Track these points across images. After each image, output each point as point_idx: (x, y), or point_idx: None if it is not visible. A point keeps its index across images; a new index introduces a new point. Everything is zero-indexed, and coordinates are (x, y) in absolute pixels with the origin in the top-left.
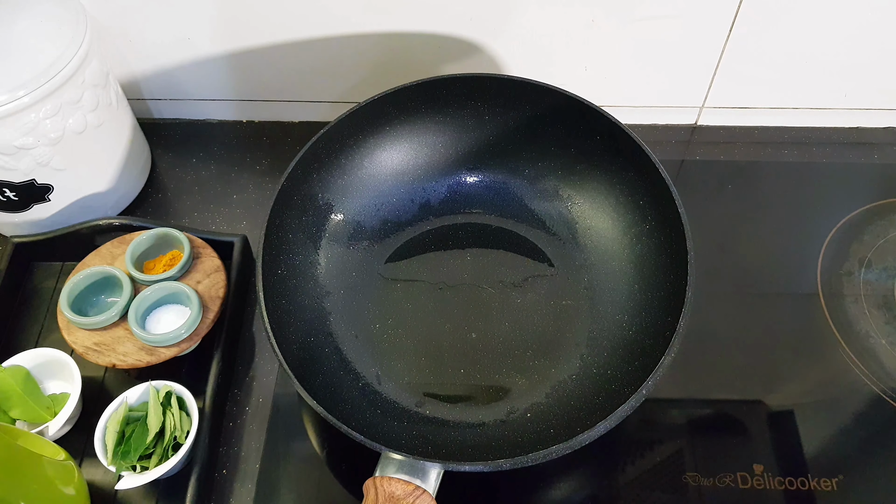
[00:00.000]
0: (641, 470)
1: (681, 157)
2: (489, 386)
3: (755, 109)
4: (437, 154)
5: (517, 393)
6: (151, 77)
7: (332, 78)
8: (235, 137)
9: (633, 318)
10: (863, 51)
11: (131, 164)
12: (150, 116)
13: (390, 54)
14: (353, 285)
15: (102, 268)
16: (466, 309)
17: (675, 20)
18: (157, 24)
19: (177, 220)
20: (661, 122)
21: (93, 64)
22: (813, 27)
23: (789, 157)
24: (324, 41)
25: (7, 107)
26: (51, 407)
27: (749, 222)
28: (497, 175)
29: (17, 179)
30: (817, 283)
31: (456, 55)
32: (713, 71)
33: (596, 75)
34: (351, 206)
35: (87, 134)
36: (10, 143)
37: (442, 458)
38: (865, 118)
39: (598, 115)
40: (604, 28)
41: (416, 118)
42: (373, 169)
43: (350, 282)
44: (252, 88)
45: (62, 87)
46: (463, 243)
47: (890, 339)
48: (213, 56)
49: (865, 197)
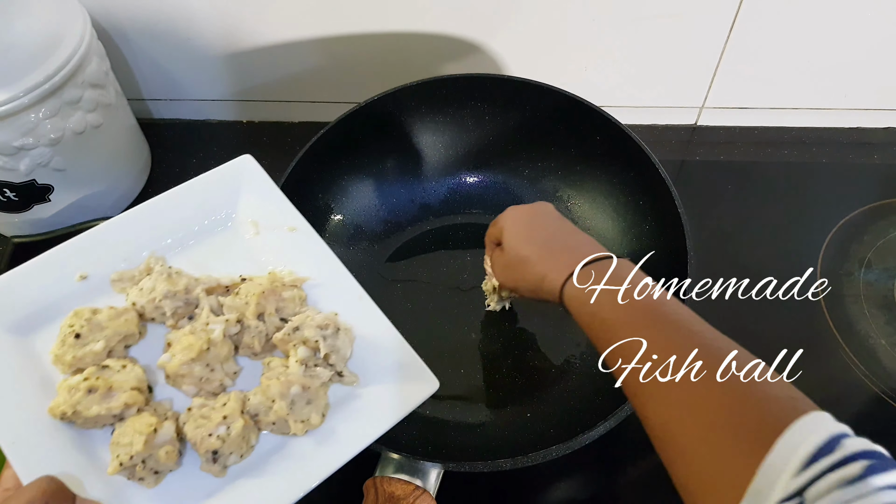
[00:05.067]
0: (641, 470)
1: (681, 158)
2: (489, 386)
3: (755, 110)
4: (437, 154)
5: (517, 393)
6: (151, 77)
7: (332, 78)
8: (235, 137)
9: None
10: (863, 51)
11: (131, 165)
12: (150, 116)
13: (390, 54)
14: None
15: None
16: (466, 309)
17: (675, 20)
18: (156, 24)
19: None
20: (661, 123)
21: (92, 64)
22: (813, 28)
23: (789, 157)
24: (324, 41)
25: (7, 107)
26: None
27: (749, 222)
28: (497, 175)
29: (17, 180)
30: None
31: (456, 55)
32: (713, 71)
33: (596, 75)
34: (351, 206)
35: (86, 134)
36: (9, 144)
37: (442, 458)
38: (865, 118)
39: (598, 116)
40: (604, 28)
41: (416, 118)
42: (373, 169)
43: None
44: (252, 88)
45: (62, 88)
46: (463, 243)
47: (890, 340)
48: (213, 56)
49: (865, 197)
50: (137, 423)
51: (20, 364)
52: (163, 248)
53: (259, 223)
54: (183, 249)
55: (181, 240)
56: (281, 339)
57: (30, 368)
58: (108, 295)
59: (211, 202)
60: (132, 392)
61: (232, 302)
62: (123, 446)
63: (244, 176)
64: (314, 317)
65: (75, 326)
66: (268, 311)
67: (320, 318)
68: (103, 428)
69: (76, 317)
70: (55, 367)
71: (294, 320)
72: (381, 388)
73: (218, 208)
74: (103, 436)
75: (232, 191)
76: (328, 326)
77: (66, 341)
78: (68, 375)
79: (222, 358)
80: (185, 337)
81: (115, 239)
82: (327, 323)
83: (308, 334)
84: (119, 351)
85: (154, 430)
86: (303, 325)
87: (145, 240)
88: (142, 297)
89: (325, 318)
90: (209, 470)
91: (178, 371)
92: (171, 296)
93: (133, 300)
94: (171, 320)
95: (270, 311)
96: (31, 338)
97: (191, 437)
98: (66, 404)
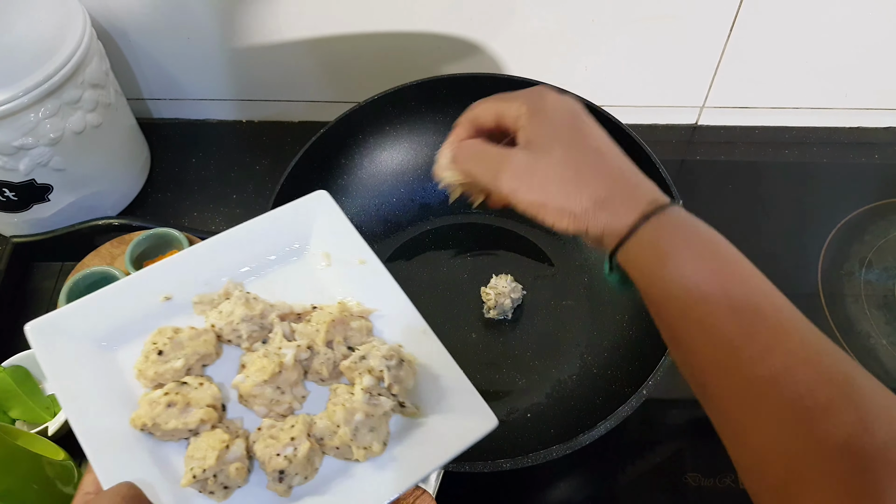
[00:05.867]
0: (642, 470)
1: (681, 157)
2: (489, 386)
3: (756, 109)
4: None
5: (517, 393)
6: (151, 77)
7: (332, 78)
8: (235, 137)
9: (633, 319)
10: (863, 51)
11: (130, 164)
12: (150, 116)
13: (390, 54)
14: None
15: (102, 268)
16: (466, 309)
17: (676, 20)
18: (156, 24)
19: (176, 220)
20: (662, 122)
21: (92, 64)
22: (813, 27)
23: (790, 157)
24: (324, 41)
25: (6, 107)
26: (50, 407)
27: (749, 222)
28: None
29: (16, 179)
30: (818, 283)
31: (456, 55)
32: (713, 71)
33: (596, 75)
34: (350, 206)
35: (86, 134)
36: (9, 144)
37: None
38: (866, 118)
39: (598, 115)
40: (604, 28)
41: (416, 118)
42: (373, 169)
43: None
44: (252, 88)
45: (61, 88)
46: (463, 243)
47: (890, 340)
48: (212, 56)
49: (866, 197)
50: (211, 438)
51: (106, 376)
52: (241, 274)
53: (331, 255)
54: (259, 277)
55: (258, 268)
56: (347, 366)
57: (114, 381)
58: (188, 316)
59: (286, 234)
60: (208, 409)
61: (303, 329)
62: (197, 460)
63: (318, 210)
64: (380, 347)
65: (158, 343)
66: (336, 339)
67: (385, 350)
68: (178, 441)
69: (160, 335)
70: (138, 380)
71: (361, 349)
72: (439, 422)
73: (293, 240)
74: (177, 449)
75: (306, 224)
76: (393, 357)
77: (150, 357)
78: (149, 389)
79: (292, 382)
80: (258, 360)
81: (197, 264)
82: (392, 354)
83: (373, 364)
84: (197, 369)
85: (226, 446)
86: (369, 354)
87: (225, 267)
88: (220, 319)
89: (390, 349)
90: (275, 489)
91: (251, 391)
92: (247, 319)
93: (212, 322)
94: (246, 343)
95: (339, 340)
96: (117, 352)
97: (259, 455)
98: (147, 416)
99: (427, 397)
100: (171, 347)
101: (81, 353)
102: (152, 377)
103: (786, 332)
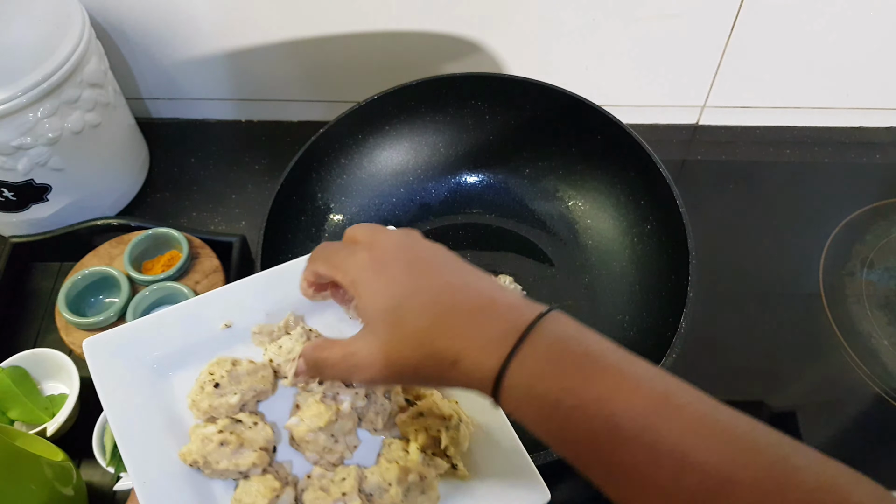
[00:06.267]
0: None
1: (682, 157)
2: None
3: (757, 109)
4: (437, 154)
5: None
6: (150, 76)
7: (332, 78)
8: (234, 137)
9: (633, 319)
10: (864, 50)
11: (129, 164)
12: (149, 116)
13: (390, 54)
14: None
15: (101, 268)
16: None
17: (677, 20)
18: (156, 24)
19: (175, 220)
20: (663, 122)
21: (91, 63)
22: (814, 26)
23: (791, 156)
24: (324, 41)
25: (5, 106)
26: (49, 408)
27: (751, 222)
28: (497, 175)
29: (15, 179)
30: (819, 283)
31: (456, 55)
32: (715, 70)
33: (596, 75)
34: (350, 206)
35: (85, 134)
36: (7, 143)
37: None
38: (867, 118)
39: (599, 115)
40: (604, 28)
41: (417, 118)
42: (372, 169)
43: None
44: (251, 88)
45: (60, 87)
46: (463, 243)
47: (892, 340)
48: (212, 56)
49: (867, 197)
50: (261, 485)
51: (158, 402)
52: (303, 308)
53: None
54: (320, 313)
55: (321, 303)
56: (404, 421)
57: (165, 408)
58: (246, 345)
59: None
60: (261, 452)
61: None
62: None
63: None
64: (439, 404)
65: (215, 375)
66: (395, 390)
67: (445, 408)
68: (226, 480)
69: (218, 366)
70: (190, 410)
71: (419, 405)
72: (490, 488)
73: None
74: (224, 487)
75: None
76: (451, 418)
77: (206, 389)
78: (201, 421)
79: (347, 430)
80: (315, 404)
81: (261, 294)
82: (451, 414)
83: (431, 423)
84: (251, 405)
85: (276, 495)
86: (428, 412)
87: (288, 299)
88: (279, 355)
89: (449, 407)
90: None
91: (305, 437)
92: None
93: (271, 357)
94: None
95: (397, 390)
96: (171, 377)
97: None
98: (198, 453)
99: (478, 460)
100: (229, 381)
101: (136, 376)
102: (206, 410)
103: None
